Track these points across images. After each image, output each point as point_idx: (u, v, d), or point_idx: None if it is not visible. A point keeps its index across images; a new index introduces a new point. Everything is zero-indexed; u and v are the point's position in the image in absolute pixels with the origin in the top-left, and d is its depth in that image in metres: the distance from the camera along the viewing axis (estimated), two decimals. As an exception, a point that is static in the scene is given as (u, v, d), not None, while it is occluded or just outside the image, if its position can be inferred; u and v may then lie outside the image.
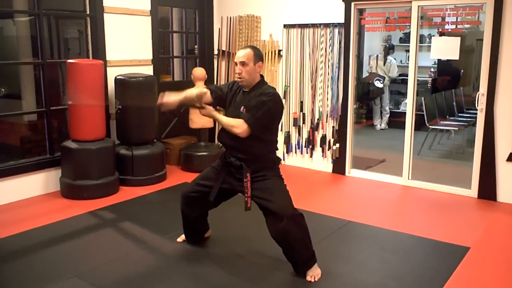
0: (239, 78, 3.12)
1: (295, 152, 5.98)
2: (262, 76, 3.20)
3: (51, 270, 3.25)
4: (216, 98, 3.26)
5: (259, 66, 3.12)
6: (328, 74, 5.56)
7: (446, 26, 5.31)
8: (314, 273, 3.11)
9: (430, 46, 5.32)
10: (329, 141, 5.68)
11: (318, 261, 3.17)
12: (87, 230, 3.94)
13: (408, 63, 5.21)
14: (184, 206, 3.45)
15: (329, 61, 5.53)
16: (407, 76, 5.15)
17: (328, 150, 5.71)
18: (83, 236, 3.83)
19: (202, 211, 3.48)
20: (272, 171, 3.17)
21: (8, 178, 4.55)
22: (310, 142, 5.82)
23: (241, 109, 3.10)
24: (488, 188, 4.70)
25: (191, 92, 3.19)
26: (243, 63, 3.08)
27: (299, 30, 5.70)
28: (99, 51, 5.13)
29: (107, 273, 3.21)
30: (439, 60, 8.35)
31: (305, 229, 3.09)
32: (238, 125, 3.02)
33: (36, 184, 4.76)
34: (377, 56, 8.65)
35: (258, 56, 3.12)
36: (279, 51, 5.89)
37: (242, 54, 3.10)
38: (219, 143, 3.32)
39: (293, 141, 5.98)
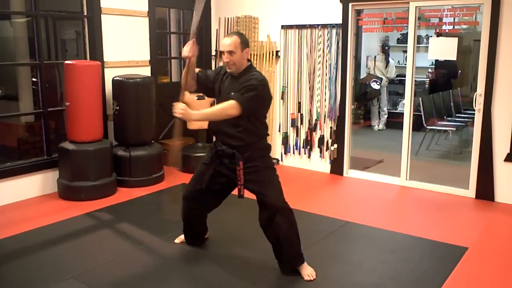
0: (228, 67, 3.08)
1: (293, 153, 5.98)
2: (249, 60, 3.17)
3: (48, 271, 3.24)
4: (200, 85, 3.27)
5: (246, 53, 3.07)
6: (326, 75, 5.56)
7: (444, 27, 5.32)
8: (308, 272, 3.11)
9: (427, 46, 5.33)
10: (327, 142, 5.68)
11: (317, 262, 3.17)
12: (84, 232, 3.93)
13: (405, 64, 5.22)
14: (187, 209, 3.42)
15: (326, 61, 5.53)
16: (405, 76, 5.15)
17: (326, 150, 5.71)
18: (80, 238, 3.82)
19: (204, 210, 3.45)
20: (263, 160, 3.16)
21: (5, 180, 4.53)
22: (308, 143, 5.82)
23: (231, 94, 3.05)
24: (486, 188, 4.70)
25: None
26: (230, 52, 3.02)
27: (297, 31, 5.70)
28: (97, 52, 5.12)
29: (104, 274, 3.20)
30: (436, 61, 8.38)
31: (294, 224, 3.11)
32: (229, 106, 2.95)
33: (33, 186, 4.75)
34: (375, 57, 8.66)
35: (245, 42, 3.07)
36: (277, 52, 5.89)
37: (228, 42, 3.02)
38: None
39: (291, 141, 5.97)
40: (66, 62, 4.64)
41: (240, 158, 3.06)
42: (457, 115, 7.56)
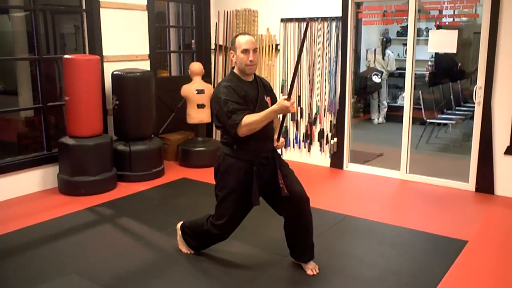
0: (251, 67, 2.93)
1: (293, 147, 5.97)
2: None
3: (50, 266, 3.25)
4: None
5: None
6: (326, 68, 5.55)
7: (444, 19, 5.30)
8: (313, 266, 3.14)
9: (427, 39, 5.30)
10: (327, 136, 5.68)
11: (317, 256, 3.17)
12: (85, 227, 3.93)
13: (405, 57, 5.20)
14: (225, 234, 3.20)
15: (326, 55, 5.52)
16: (405, 69, 5.14)
17: (326, 144, 5.71)
18: (81, 233, 3.82)
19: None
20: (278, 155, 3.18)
21: (5, 175, 4.53)
22: (308, 137, 5.81)
23: (265, 99, 3.01)
24: (485, 182, 4.70)
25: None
26: (255, 50, 2.92)
27: (296, 24, 5.68)
28: (96, 47, 5.10)
29: (105, 269, 3.21)
30: (436, 53, 8.35)
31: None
32: None
33: (33, 181, 4.75)
34: (375, 50, 8.64)
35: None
36: (277, 45, 5.87)
37: (252, 40, 2.92)
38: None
39: (291, 135, 5.97)
40: (65, 56, 4.63)
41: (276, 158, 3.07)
42: (457, 108, 7.55)
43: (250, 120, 2.78)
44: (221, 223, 3.07)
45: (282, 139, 3.09)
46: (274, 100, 3.07)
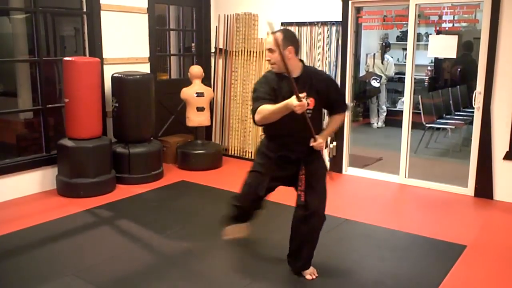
0: (270, 63, 2.92)
1: (292, 151, 5.97)
2: (301, 59, 3.00)
3: (48, 268, 3.24)
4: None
5: (289, 52, 2.85)
6: (326, 72, 5.55)
7: (444, 25, 5.32)
8: (311, 271, 3.13)
9: (427, 44, 5.32)
10: (326, 139, 5.67)
11: (316, 259, 3.17)
12: (84, 228, 3.93)
13: (405, 62, 5.21)
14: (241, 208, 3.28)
15: (326, 59, 5.52)
16: (404, 74, 5.15)
17: (325, 148, 5.71)
18: (80, 234, 3.82)
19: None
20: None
21: (4, 176, 4.53)
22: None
23: (303, 97, 2.71)
24: (484, 187, 4.70)
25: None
26: (270, 50, 2.87)
27: (297, 28, 5.69)
28: (96, 49, 5.11)
29: (103, 271, 3.20)
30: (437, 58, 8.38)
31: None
32: (344, 116, 3.12)
33: (32, 182, 4.74)
34: (374, 54, 8.65)
35: (287, 39, 2.86)
36: (276, 49, 5.87)
37: (269, 40, 2.89)
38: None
39: (290, 139, 5.96)
40: (65, 58, 4.63)
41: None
42: (456, 113, 7.56)
43: (263, 109, 2.80)
44: (238, 193, 3.25)
45: (319, 140, 2.92)
46: (318, 100, 2.91)
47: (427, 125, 6.75)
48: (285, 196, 3.37)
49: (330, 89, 3.00)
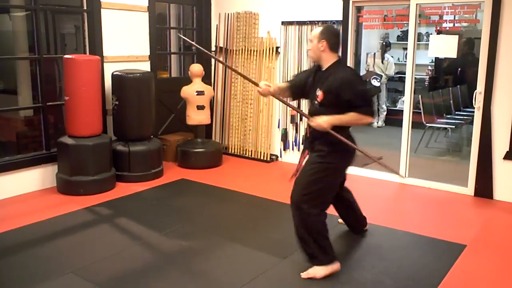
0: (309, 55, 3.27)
1: (292, 149, 5.98)
2: (339, 57, 3.18)
3: (47, 266, 3.24)
4: (294, 93, 3.43)
5: (322, 45, 3.07)
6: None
7: (444, 25, 5.32)
8: (311, 272, 3.09)
9: (427, 44, 5.33)
10: (326, 139, 5.67)
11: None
12: (83, 226, 3.93)
13: (405, 61, 5.21)
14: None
15: (326, 58, 5.51)
16: (405, 74, 5.15)
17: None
18: (79, 232, 3.81)
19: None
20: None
21: (4, 174, 4.52)
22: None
23: (317, 91, 3.11)
24: (484, 186, 4.71)
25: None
26: (310, 40, 3.18)
27: (297, 27, 5.69)
28: (96, 47, 5.11)
29: (103, 269, 3.20)
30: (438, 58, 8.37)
31: (306, 226, 3.07)
32: (362, 116, 3.06)
33: (32, 180, 4.74)
34: (375, 54, 8.65)
35: (323, 33, 3.10)
36: (277, 48, 5.88)
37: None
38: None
39: (290, 138, 5.97)
40: (66, 56, 4.63)
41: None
42: (456, 112, 7.56)
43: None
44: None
45: (314, 120, 3.04)
46: (328, 95, 3.05)
47: (427, 124, 6.75)
48: (284, 194, 3.37)
49: (342, 88, 3.02)
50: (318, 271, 3.09)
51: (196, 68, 5.72)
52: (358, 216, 3.78)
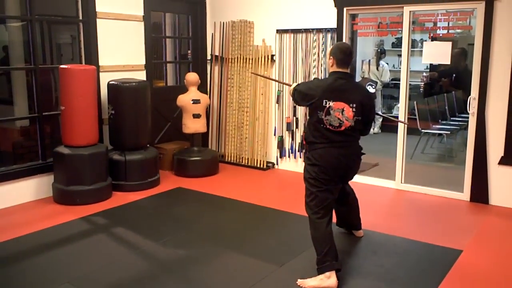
0: None
1: (288, 157, 5.99)
2: (332, 72, 3.34)
3: (43, 276, 3.23)
4: None
5: (330, 61, 3.32)
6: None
7: (438, 31, 5.36)
8: (307, 282, 3.08)
9: (422, 50, 5.36)
10: (322, 146, 5.68)
11: (312, 265, 3.15)
12: (80, 236, 3.92)
13: (400, 68, 5.24)
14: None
15: (321, 66, 5.55)
16: (399, 80, 5.18)
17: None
18: (76, 242, 3.81)
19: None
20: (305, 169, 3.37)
21: (0, 184, 4.51)
22: (304, 147, 5.83)
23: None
24: (480, 191, 4.72)
25: None
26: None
27: (292, 35, 5.73)
28: (92, 57, 5.13)
29: (99, 279, 3.19)
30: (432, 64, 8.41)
31: (311, 231, 3.19)
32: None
33: (28, 190, 4.73)
34: (369, 61, 8.70)
35: (331, 50, 3.36)
36: (272, 56, 5.91)
37: None
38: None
39: (287, 145, 5.99)
40: (62, 66, 4.64)
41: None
42: (451, 118, 7.59)
43: None
44: None
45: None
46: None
47: (422, 130, 6.78)
48: (281, 202, 3.39)
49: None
50: (314, 282, 3.08)
51: (192, 77, 5.74)
52: (358, 214, 3.89)
